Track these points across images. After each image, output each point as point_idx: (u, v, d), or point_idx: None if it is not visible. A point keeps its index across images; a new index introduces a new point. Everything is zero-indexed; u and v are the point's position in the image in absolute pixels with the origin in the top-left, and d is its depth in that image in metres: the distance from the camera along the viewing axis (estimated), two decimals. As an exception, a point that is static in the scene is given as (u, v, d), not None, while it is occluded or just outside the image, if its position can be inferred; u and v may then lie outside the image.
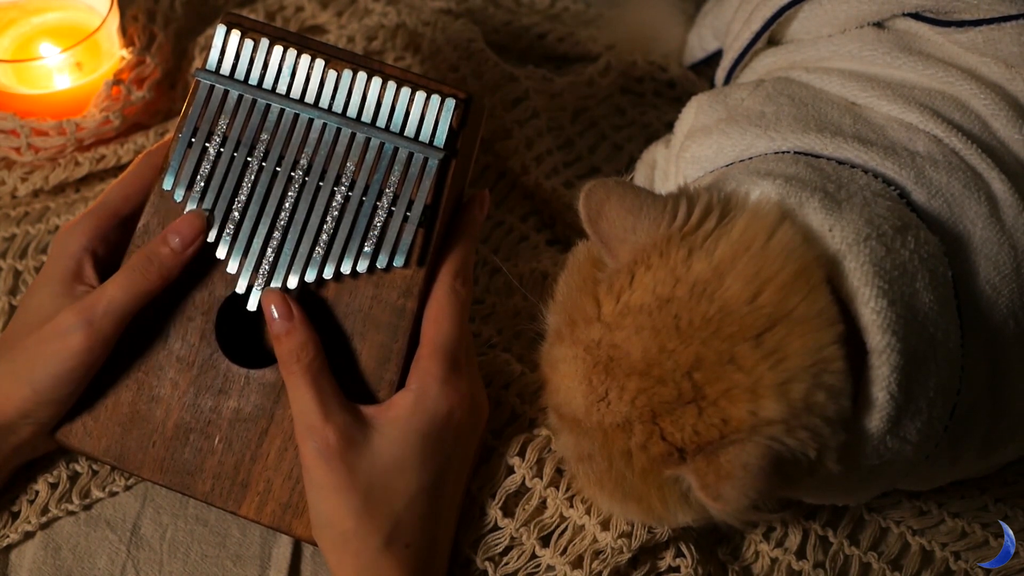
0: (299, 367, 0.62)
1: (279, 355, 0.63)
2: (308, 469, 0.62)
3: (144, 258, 0.65)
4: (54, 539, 0.69)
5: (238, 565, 0.69)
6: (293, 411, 0.62)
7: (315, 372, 0.62)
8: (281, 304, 0.63)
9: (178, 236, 0.65)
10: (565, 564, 0.66)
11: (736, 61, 0.81)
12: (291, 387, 0.62)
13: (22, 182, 0.83)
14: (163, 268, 0.65)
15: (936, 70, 0.70)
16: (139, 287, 0.64)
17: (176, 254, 0.65)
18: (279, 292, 0.64)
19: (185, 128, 0.67)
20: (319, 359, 0.63)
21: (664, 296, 0.56)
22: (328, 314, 0.65)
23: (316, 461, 0.61)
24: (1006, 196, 0.64)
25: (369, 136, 0.65)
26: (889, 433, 0.58)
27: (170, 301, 0.67)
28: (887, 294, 0.57)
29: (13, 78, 0.83)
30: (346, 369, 0.65)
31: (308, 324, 0.63)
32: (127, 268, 0.65)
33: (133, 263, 0.65)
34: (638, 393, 0.56)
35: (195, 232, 0.65)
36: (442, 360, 0.63)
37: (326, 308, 0.65)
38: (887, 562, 0.72)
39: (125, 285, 0.64)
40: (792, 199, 0.59)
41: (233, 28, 0.67)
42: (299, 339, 0.63)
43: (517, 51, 0.98)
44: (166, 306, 0.67)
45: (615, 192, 0.58)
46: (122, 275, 0.64)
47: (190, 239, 0.65)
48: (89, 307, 0.63)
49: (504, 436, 0.70)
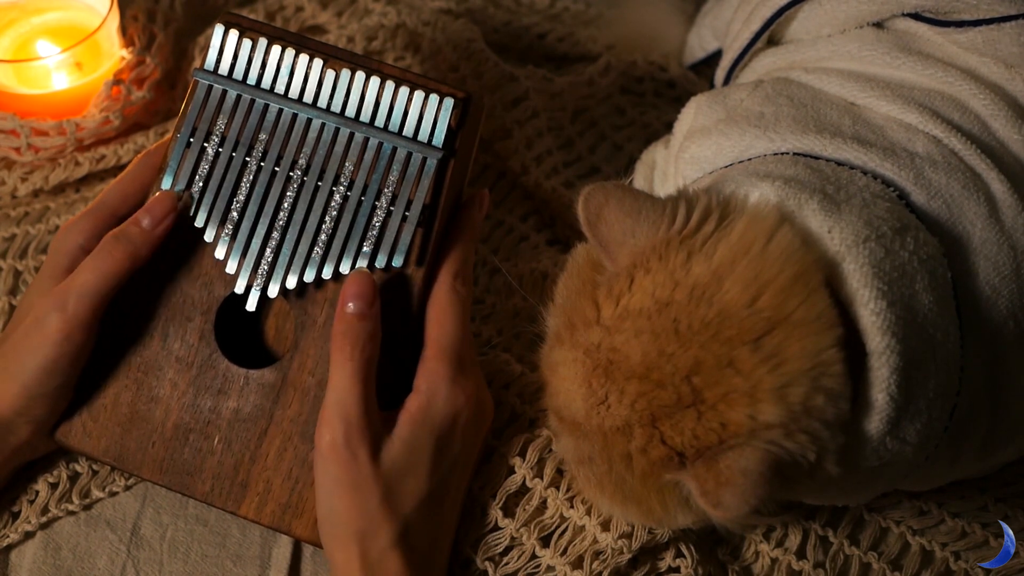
0: (361, 356, 0.61)
1: (340, 335, 0.61)
2: (325, 460, 0.61)
3: (112, 239, 0.64)
4: (54, 539, 0.69)
5: (238, 565, 0.69)
6: (330, 397, 0.61)
7: (369, 366, 0.61)
8: (368, 287, 0.62)
9: (148, 215, 0.65)
10: (565, 564, 0.66)
11: (735, 61, 0.81)
12: (339, 373, 0.61)
13: (22, 182, 0.83)
14: (131, 246, 0.64)
15: (935, 70, 0.69)
16: (108, 267, 0.64)
17: (145, 232, 0.65)
18: (369, 274, 0.62)
19: (184, 128, 0.67)
20: (376, 356, 0.62)
21: (663, 300, 0.56)
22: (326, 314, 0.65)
23: (339, 453, 0.60)
24: (1005, 197, 0.64)
25: (368, 136, 0.65)
26: (889, 435, 0.58)
27: (169, 301, 0.67)
28: (886, 296, 0.57)
29: (13, 78, 0.83)
30: None
31: (380, 319, 0.62)
32: (97, 250, 0.64)
33: (102, 245, 0.64)
34: (638, 397, 0.56)
35: (165, 211, 0.65)
36: (448, 361, 0.63)
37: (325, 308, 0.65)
38: (887, 562, 0.72)
39: (94, 266, 0.64)
40: (791, 201, 0.59)
41: (231, 28, 0.67)
42: (370, 328, 0.61)
43: (517, 51, 0.98)
44: (165, 306, 0.67)
45: (614, 195, 0.58)
46: (91, 258, 0.64)
47: (159, 217, 0.65)
48: (62, 292, 0.63)
49: (504, 436, 0.70)
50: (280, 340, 0.68)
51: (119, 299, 0.65)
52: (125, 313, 0.67)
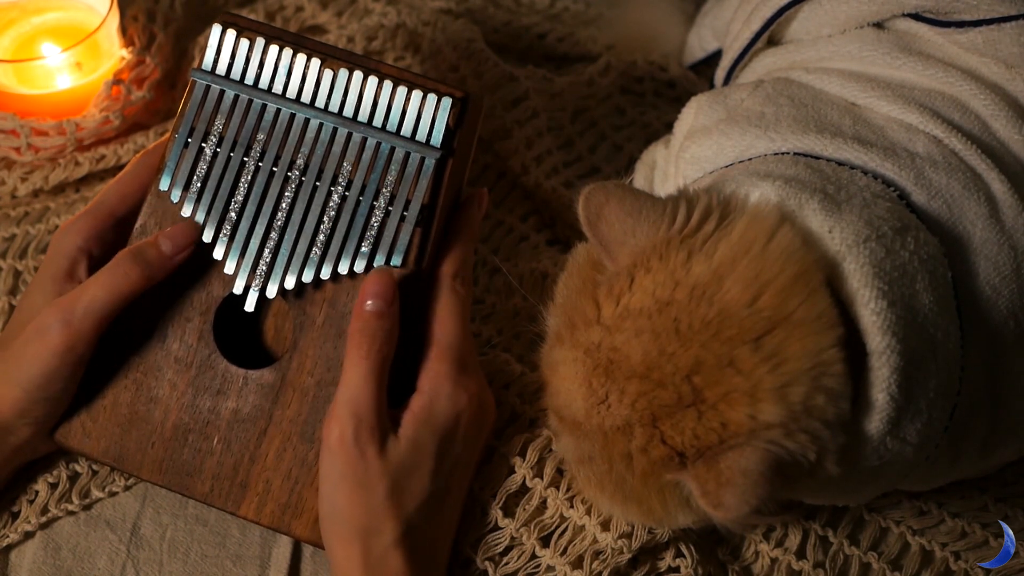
0: (376, 352, 0.61)
1: (358, 332, 0.61)
2: (333, 456, 0.60)
3: (129, 257, 0.64)
4: (54, 539, 0.69)
5: (238, 565, 0.69)
6: (342, 393, 0.61)
7: (384, 365, 0.61)
8: (389, 286, 0.62)
9: (171, 241, 0.64)
10: (565, 564, 0.66)
11: (736, 61, 0.81)
12: (354, 370, 0.61)
13: (22, 182, 0.83)
14: (148, 270, 0.64)
15: (936, 70, 0.69)
16: (121, 287, 0.63)
17: (165, 258, 0.64)
18: (391, 274, 0.62)
19: (181, 128, 0.67)
20: (391, 356, 0.62)
21: (664, 299, 0.56)
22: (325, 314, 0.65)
23: (348, 449, 0.60)
24: (1006, 197, 0.64)
25: (366, 136, 0.65)
26: (889, 435, 0.58)
27: (168, 302, 0.67)
28: (887, 295, 0.57)
29: (13, 78, 0.83)
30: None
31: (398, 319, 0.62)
32: (111, 266, 0.64)
33: (117, 261, 0.64)
34: (638, 396, 0.56)
35: (188, 240, 0.65)
36: (450, 361, 0.63)
37: (323, 308, 0.65)
38: (887, 562, 0.72)
39: (107, 284, 0.63)
40: (792, 201, 0.59)
41: (229, 28, 0.67)
42: (388, 326, 0.61)
43: (517, 51, 0.98)
44: (164, 307, 0.67)
45: (614, 195, 0.58)
46: (105, 274, 0.64)
47: (182, 246, 0.65)
48: (69, 305, 0.63)
49: (504, 436, 0.70)
50: (279, 340, 0.68)
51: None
52: (124, 314, 0.66)
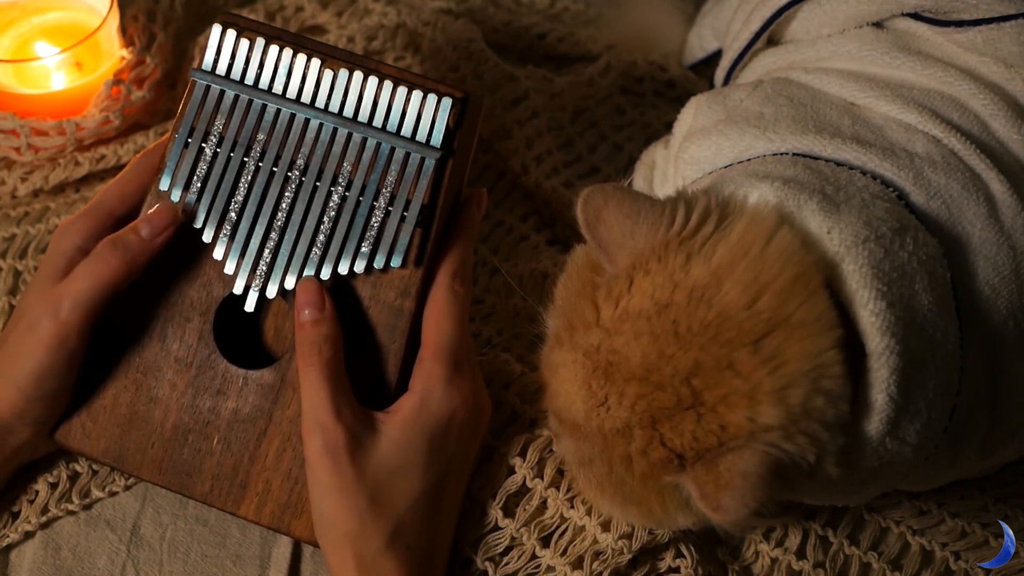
0: (319, 360, 0.62)
1: (301, 344, 0.62)
2: (313, 467, 0.61)
3: (109, 245, 0.64)
4: (54, 539, 0.69)
5: (238, 565, 0.69)
6: (304, 406, 0.62)
7: (333, 368, 0.62)
8: (316, 293, 0.63)
9: (149, 225, 0.64)
10: (565, 565, 0.66)
11: (735, 61, 0.81)
12: (306, 380, 0.62)
13: (22, 182, 0.83)
14: (128, 255, 0.64)
15: (935, 70, 0.69)
16: (103, 274, 0.63)
17: (143, 242, 0.64)
18: (316, 281, 0.64)
19: (181, 128, 0.67)
20: (339, 356, 0.62)
21: (663, 301, 0.56)
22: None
23: (323, 459, 0.60)
24: (1005, 197, 0.64)
25: (366, 136, 0.65)
26: (888, 435, 0.58)
27: (168, 302, 0.67)
28: (886, 296, 0.56)
29: (13, 78, 0.83)
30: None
31: (337, 320, 0.63)
32: (92, 257, 0.64)
33: (98, 251, 0.64)
34: (637, 398, 0.56)
35: (165, 222, 0.65)
36: (445, 361, 0.63)
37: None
38: (887, 562, 0.72)
39: (90, 275, 0.63)
40: (790, 202, 0.59)
41: (229, 28, 0.67)
42: (325, 331, 0.62)
43: (517, 51, 0.98)
44: (164, 307, 0.67)
45: (613, 197, 0.58)
46: (87, 264, 0.64)
47: (159, 228, 0.64)
48: (56, 298, 0.63)
49: (504, 436, 0.70)
50: (279, 340, 0.68)
51: (118, 300, 0.65)
52: (124, 314, 0.66)
